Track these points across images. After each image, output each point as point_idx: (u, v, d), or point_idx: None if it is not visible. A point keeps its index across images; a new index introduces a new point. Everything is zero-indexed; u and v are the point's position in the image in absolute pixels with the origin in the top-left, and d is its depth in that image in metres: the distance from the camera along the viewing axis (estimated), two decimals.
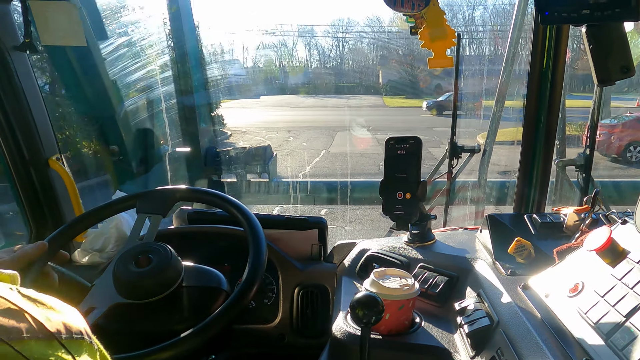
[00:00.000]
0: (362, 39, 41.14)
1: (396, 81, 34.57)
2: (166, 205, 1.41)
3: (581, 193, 2.51)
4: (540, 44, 1.82)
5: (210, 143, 3.35)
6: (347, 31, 40.56)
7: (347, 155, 12.29)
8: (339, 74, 40.99)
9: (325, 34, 41.55)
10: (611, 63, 1.24)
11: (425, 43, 1.61)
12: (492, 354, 1.01)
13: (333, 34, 42.15)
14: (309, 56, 43.39)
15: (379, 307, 1.04)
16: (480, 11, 38.66)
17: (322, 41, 45.09)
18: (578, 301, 0.97)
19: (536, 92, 1.87)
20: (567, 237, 1.37)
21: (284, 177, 7.65)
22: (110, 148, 2.52)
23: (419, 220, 1.56)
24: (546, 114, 1.88)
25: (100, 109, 2.42)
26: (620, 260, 0.97)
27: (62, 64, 2.21)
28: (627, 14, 1.06)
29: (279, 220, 1.77)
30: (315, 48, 43.42)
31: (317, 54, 42.90)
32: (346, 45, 42.89)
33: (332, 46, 43.98)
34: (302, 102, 30.71)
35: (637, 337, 0.79)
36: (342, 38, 41.89)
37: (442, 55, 1.61)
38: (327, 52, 44.02)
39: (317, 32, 40.75)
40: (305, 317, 1.64)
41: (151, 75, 2.77)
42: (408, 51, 32.64)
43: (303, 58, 43.32)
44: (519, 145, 1.99)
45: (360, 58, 41.58)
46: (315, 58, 44.01)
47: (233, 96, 26.64)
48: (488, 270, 1.31)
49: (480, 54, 31.71)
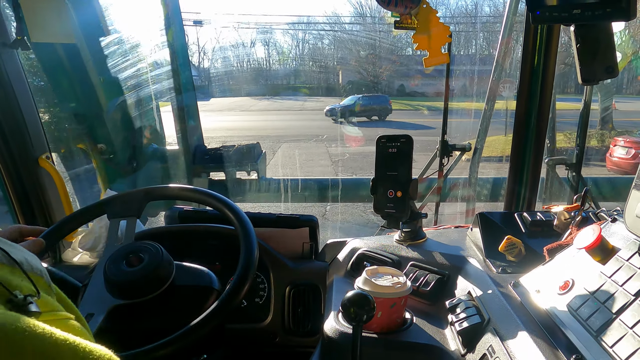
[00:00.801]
0: (323, 38, 38.98)
1: (357, 82, 31.96)
2: (137, 206, 1.41)
3: (571, 191, 2.53)
4: (531, 43, 1.83)
5: (199, 141, 3.34)
6: (308, 30, 38.37)
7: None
8: (298, 74, 38.38)
9: (285, 33, 39.33)
10: (597, 63, 1.25)
11: (420, 45, 1.62)
12: (484, 352, 1.01)
13: (293, 33, 39.72)
14: (267, 56, 40.78)
15: (371, 305, 1.04)
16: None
17: (281, 40, 42.65)
18: (568, 298, 0.98)
19: (527, 91, 1.88)
20: (557, 235, 1.38)
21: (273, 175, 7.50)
22: (99, 146, 2.51)
23: (410, 218, 1.56)
24: (537, 113, 1.89)
25: (89, 107, 2.41)
26: (610, 257, 0.98)
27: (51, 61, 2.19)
28: (618, 13, 1.07)
29: (269, 218, 1.76)
30: (274, 47, 41.30)
31: (276, 53, 40.73)
32: (306, 46, 40.42)
33: (291, 46, 41.51)
34: (254, 104, 27.99)
35: (627, 334, 0.79)
36: (302, 38, 39.76)
37: (438, 52, 1.62)
38: (286, 51, 41.24)
39: (276, 30, 39.02)
40: (297, 316, 1.64)
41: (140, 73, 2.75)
42: (370, 50, 31.31)
43: (262, 58, 40.57)
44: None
45: (320, 58, 38.64)
46: (274, 58, 41.01)
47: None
48: (479, 268, 1.32)
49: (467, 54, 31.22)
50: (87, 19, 2.22)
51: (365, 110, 21.30)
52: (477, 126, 2.92)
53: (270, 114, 21.86)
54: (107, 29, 2.33)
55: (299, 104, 28.97)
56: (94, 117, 2.45)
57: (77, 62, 2.23)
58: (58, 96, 2.34)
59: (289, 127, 18.41)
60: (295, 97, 32.08)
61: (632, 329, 0.79)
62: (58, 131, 2.73)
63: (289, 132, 16.88)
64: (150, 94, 2.87)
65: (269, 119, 21.20)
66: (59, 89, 2.31)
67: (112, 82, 2.49)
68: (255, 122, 21.35)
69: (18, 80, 1.80)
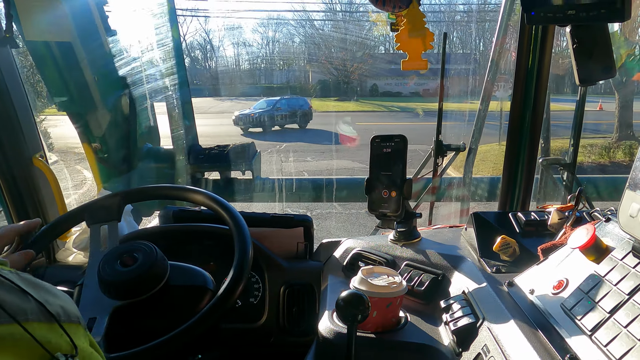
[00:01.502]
0: (294, 37, 38.07)
1: (327, 82, 30.79)
2: (117, 209, 1.40)
3: (565, 191, 2.54)
4: (525, 44, 1.84)
5: (193, 140, 3.33)
6: (277, 26, 36.76)
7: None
8: (267, 74, 36.30)
9: (254, 31, 37.43)
10: (593, 63, 1.25)
11: (401, 46, 1.62)
12: (478, 351, 1.01)
13: (263, 31, 38.28)
14: (235, 55, 39.25)
15: (365, 304, 1.04)
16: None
17: (250, 39, 40.49)
18: (562, 298, 0.98)
19: (521, 91, 1.88)
20: (551, 234, 1.39)
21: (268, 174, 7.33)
22: (93, 145, 2.50)
23: (405, 218, 1.56)
24: (531, 113, 1.89)
25: (83, 106, 2.39)
26: (604, 257, 0.98)
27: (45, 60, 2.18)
28: (613, 14, 1.07)
29: (264, 218, 1.76)
30: (243, 46, 39.03)
31: (245, 52, 38.90)
32: (276, 45, 38.82)
33: (260, 44, 40.08)
34: (215, 106, 25.53)
35: (620, 333, 0.80)
36: (272, 37, 38.01)
37: (417, 57, 1.62)
38: (256, 50, 39.03)
39: (245, 28, 36.95)
40: (292, 316, 1.64)
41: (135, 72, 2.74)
42: (341, 49, 29.99)
43: (230, 57, 38.85)
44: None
45: (290, 57, 36.53)
46: (243, 57, 38.64)
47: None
48: (473, 267, 1.32)
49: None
50: (82, 17, 2.21)
51: (284, 116, 18.71)
52: (466, 127, 2.95)
53: (225, 117, 18.92)
54: (101, 27, 2.32)
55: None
56: (88, 116, 2.43)
57: (72, 61, 2.22)
58: (52, 94, 2.32)
59: (219, 134, 14.88)
60: (262, 98, 28.50)
61: (626, 328, 0.80)
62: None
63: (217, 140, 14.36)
64: (145, 93, 2.86)
65: (223, 122, 18.25)
66: (52, 87, 2.30)
67: (107, 81, 2.48)
68: (205, 127, 18.66)
69: (11, 79, 1.79)
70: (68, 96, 2.34)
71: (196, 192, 1.42)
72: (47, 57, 2.18)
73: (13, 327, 0.48)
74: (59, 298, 0.56)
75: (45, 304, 0.53)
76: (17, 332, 0.48)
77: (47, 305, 0.53)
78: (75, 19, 2.15)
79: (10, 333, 0.47)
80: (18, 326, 0.48)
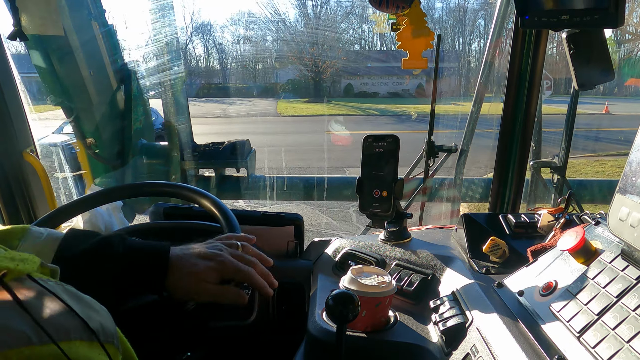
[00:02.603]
0: (257, 29, 32.49)
1: (298, 81, 28.11)
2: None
3: (555, 194, 2.56)
4: (519, 47, 1.84)
5: (188, 137, 3.32)
6: (241, 19, 32.31)
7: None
8: (231, 73, 32.65)
9: (220, 27, 33.66)
10: (591, 67, 1.26)
11: (402, 44, 1.62)
12: (467, 351, 1.02)
13: (228, 26, 34.19)
14: (192, 52, 33.92)
15: (355, 304, 1.04)
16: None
17: (216, 34, 35.25)
18: (551, 300, 0.98)
19: (514, 94, 1.89)
20: (541, 237, 1.39)
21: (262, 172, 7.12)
22: (87, 140, 2.48)
23: (395, 218, 1.57)
24: (523, 116, 1.90)
25: (77, 101, 2.38)
26: (593, 260, 0.99)
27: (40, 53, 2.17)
28: (606, 20, 1.08)
29: (254, 216, 1.76)
30: (202, 41, 34.60)
31: (202, 48, 34.83)
32: (241, 40, 33.81)
33: (225, 40, 34.99)
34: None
35: (608, 335, 0.80)
36: (235, 31, 34.08)
37: (418, 56, 1.63)
38: (217, 47, 34.30)
39: (206, 22, 33.07)
40: (282, 314, 1.64)
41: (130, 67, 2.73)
42: (311, 44, 26.43)
43: (189, 53, 33.45)
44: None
45: (256, 53, 31.51)
46: (199, 53, 34.40)
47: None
48: (463, 268, 1.33)
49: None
50: (77, 11, 2.20)
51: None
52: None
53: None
54: (97, 22, 2.31)
55: (222, 108, 23.90)
56: (82, 111, 2.42)
57: (67, 55, 2.21)
58: (47, 89, 2.31)
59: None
60: (222, 99, 27.28)
61: (614, 330, 0.80)
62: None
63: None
64: (140, 89, 2.85)
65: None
66: (47, 82, 2.29)
67: (102, 76, 2.47)
68: None
69: (4, 73, 1.78)
70: (63, 91, 2.33)
71: (188, 189, 1.41)
72: (42, 51, 2.17)
73: (51, 348, 0.47)
74: (99, 314, 0.56)
75: (87, 320, 0.52)
76: (56, 353, 0.47)
77: (88, 322, 0.52)
78: (71, 13, 2.13)
79: (51, 354, 0.47)
80: (56, 347, 0.47)
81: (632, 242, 0.87)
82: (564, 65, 1.85)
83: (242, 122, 19.25)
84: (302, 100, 25.79)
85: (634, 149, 0.90)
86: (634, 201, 0.87)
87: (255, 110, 22.10)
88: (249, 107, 23.80)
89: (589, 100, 17.87)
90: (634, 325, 0.78)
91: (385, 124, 18.47)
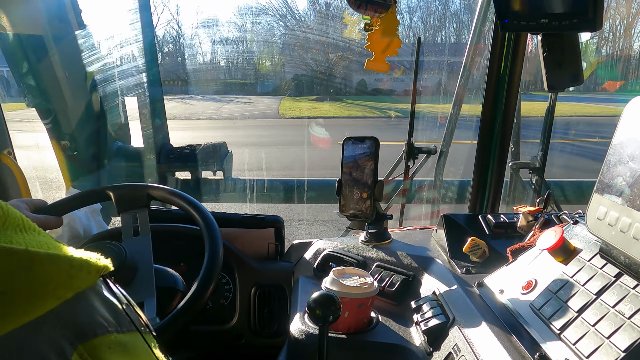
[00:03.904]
0: (261, 19, 28.62)
1: (306, 76, 23.69)
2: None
3: (534, 194, 2.58)
4: (498, 50, 1.86)
5: (164, 139, 3.29)
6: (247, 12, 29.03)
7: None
8: (232, 68, 27.91)
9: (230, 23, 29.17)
10: (562, 71, 1.28)
11: (371, 45, 1.63)
12: (449, 350, 1.02)
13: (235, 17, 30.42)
14: (186, 45, 29.94)
15: (336, 305, 1.04)
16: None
17: (220, 28, 30.50)
18: (531, 298, 0.99)
19: (492, 96, 1.91)
20: (520, 236, 1.41)
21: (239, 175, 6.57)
22: (63, 143, 2.44)
23: (376, 219, 1.57)
24: (502, 118, 1.92)
25: (53, 102, 2.34)
26: (572, 258, 1.00)
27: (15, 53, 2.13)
28: (584, 24, 1.10)
29: (235, 218, 1.75)
30: (205, 33, 30.40)
31: (207, 42, 30.64)
32: (246, 34, 29.24)
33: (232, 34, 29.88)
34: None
35: (588, 332, 0.81)
36: (242, 25, 29.83)
37: (382, 60, 1.64)
38: (223, 41, 29.25)
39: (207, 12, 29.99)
40: (263, 317, 1.63)
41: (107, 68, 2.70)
42: (322, 33, 22.19)
43: (183, 47, 29.94)
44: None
45: (261, 47, 27.66)
46: (195, 48, 30.25)
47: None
48: (444, 268, 1.33)
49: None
50: (55, 10, 2.16)
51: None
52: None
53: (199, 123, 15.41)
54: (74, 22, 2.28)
55: (215, 108, 20.40)
56: (58, 112, 2.38)
57: (43, 55, 2.17)
58: (21, 89, 2.27)
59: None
60: (220, 97, 23.54)
61: (593, 327, 0.81)
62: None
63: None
64: (117, 90, 2.82)
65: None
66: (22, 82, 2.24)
67: (78, 77, 2.43)
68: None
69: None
70: (38, 91, 2.29)
71: (167, 191, 1.40)
72: (18, 50, 2.13)
73: (135, 335, 0.51)
74: (138, 309, 0.57)
75: (141, 315, 0.56)
76: (140, 340, 0.52)
77: (141, 317, 0.56)
78: (48, 12, 2.10)
79: (133, 340, 0.50)
80: (137, 334, 0.51)
81: (610, 241, 0.88)
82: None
83: (230, 126, 15.75)
84: (309, 98, 21.87)
85: (611, 149, 0.91)
86: (611, 200, 0.88)
87: (254, 111, 18.60)
88: (247, 107, 20.05)
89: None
90: (614, 321, 0.79)
91: (422, 130, 13.17)
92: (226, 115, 18.47)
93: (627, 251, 0.83)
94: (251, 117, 17.13)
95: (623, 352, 0.74)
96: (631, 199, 0.83)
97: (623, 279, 0.86)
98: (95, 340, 0.45)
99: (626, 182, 0.85)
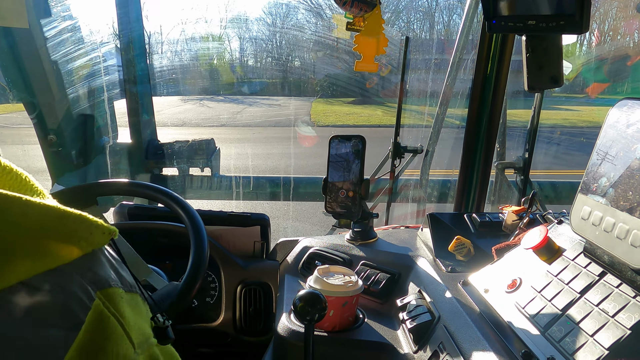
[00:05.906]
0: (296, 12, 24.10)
1: (339, 76, 18.35)
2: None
3: (519, 194, 2.60)
4: (485, 51, 1.87)
5: (152, 135, 3.27)
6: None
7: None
8: (256, 67, 22.75)
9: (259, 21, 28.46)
10: (543, 73, 1.29)
11: (359, 47, 1.64)
12: (435, 348, 1.02)
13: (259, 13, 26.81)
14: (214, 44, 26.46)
15: (322, 304, 1.04)
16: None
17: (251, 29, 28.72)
18: (516, 296, 1.00)
19: (479, 96, 1.92)
20: (505, 235, 1.42)
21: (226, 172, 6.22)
22: (49, 138, 2.41)
23: (361, 218, 1.57)
24: (488, 118, 1.93)
25: (39, 96, 2.31)
26: (556, 258, 1.01)
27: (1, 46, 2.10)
28: (571, 26, 1.11)
29: (220, 216, 1.74)
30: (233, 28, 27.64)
31: (236, 40, 27.39)
32: (271, 28, 23.62)
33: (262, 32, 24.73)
34: (166, 108, 15.70)
35: (572, 330, 0.82)
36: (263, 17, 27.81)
37: (370, 60, 1.64)
38: (254, 39, 23.88)
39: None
40: (249, 315, 1.63)
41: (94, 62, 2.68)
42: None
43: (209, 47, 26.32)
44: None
45: (290, 43, 23.15)
46: (224, 47, 27.22)
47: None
48: (429, 267, 1.34)
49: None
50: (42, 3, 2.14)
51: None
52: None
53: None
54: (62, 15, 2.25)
55: (236, 111, 17.21)
56: (44, 106, 2.35)
57: (29, 49, 2.14)
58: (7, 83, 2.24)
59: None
60: (244, 98, 19.34)
61: (578, 325, 0.82)
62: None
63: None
64: (103, 85, 2.79)
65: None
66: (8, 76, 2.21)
67: (65, 71, 2.40)
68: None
69: None
70: (24, 86, 2.26)
71: (152, 188, 1.38)
72: (3, 44, 2.10)
73: (135, 296, 0.62)
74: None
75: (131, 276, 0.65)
76: (139, 300, 0.63)
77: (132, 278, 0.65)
78: (35, 5, 2.07)
79: (133, 299, 0.61)
80: (137, 295, 0.63)
81: (593, 240, 0.89)
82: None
83: (245, 138, 12.21)
84: (345, 100, 17.92)
85: (595, 151, 0.92)
86: (595, 201, 0.89)
87: (280, 116, 15.57)
88: (272, 111, 17.10)
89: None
90: (598, 319, 0.80)
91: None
92: (245, 121, 15.23)
93: (610, 250, 0.84)
94: (276, 125, 14.09)
95: (607, 349, 0.75)
96: (615, 199, 0.84)
97: (607, 278, 0.87)
98: (109, 290, 0.55)
99: (610, 182, 0.86)
